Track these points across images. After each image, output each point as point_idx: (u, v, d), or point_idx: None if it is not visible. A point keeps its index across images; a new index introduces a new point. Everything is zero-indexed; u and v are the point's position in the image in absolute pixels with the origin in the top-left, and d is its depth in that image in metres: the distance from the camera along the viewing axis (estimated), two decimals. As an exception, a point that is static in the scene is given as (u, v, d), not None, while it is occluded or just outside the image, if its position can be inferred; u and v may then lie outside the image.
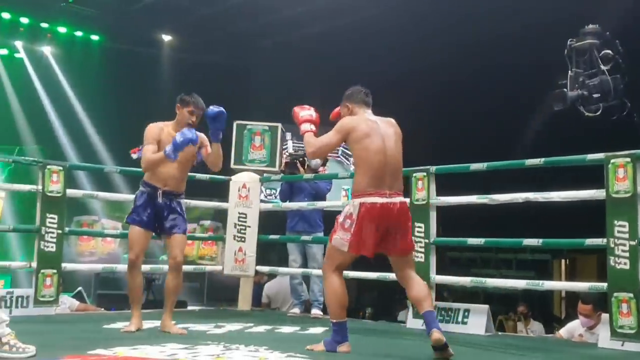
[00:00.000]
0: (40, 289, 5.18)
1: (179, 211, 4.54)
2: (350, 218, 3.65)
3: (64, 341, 3.88)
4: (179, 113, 4.57)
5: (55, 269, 5.23)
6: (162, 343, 3.70)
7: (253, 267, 6.24)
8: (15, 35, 12.57)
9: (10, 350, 3.00)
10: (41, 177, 5.32)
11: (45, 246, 5.23)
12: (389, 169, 3.69)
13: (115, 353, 3.32)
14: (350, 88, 4.00)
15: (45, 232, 5.25)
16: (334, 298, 3.76)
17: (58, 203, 5.36)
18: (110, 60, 12.50)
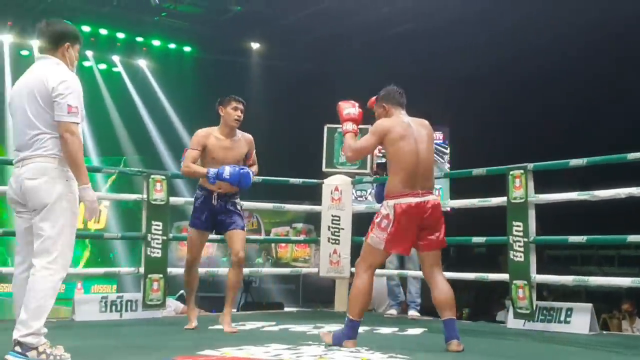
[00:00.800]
0: (148, 294, 5.40)
1: (234, 210, 4.69)
2: (387, 218, 3.77)
3: (173, 342, 4.05)
4: (224, 114, 4.72)
5: (161, 273, 5.45)
6: (265, 344, 3.80)
7: (348, 268, 6.28)
8: (112, 50, 13.18)
9: (47, 358, 3.03)
10: (146, 186, 5.55)
11: (151, 252, 5.45)
12: (421, 170, 3.79)
13: (222, 353, 3.45)
14: (385, 88, 4.06)
15: (151, 239, 5.47)
16: (359, 296, 3.80)
17: (162, 210, 5.58)
18: (203, 71, 12.91)
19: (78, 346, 3.93)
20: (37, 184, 3.08)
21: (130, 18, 12.05)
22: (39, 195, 3.07)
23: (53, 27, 3.32)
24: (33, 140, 3.12)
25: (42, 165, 3.09)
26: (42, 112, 3.12)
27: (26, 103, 3.15)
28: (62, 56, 3.29)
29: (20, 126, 3.18)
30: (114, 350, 3.72)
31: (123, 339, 4.21)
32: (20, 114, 3.18)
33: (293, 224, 12.24)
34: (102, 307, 5.30)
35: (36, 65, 3.30)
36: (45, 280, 3.02)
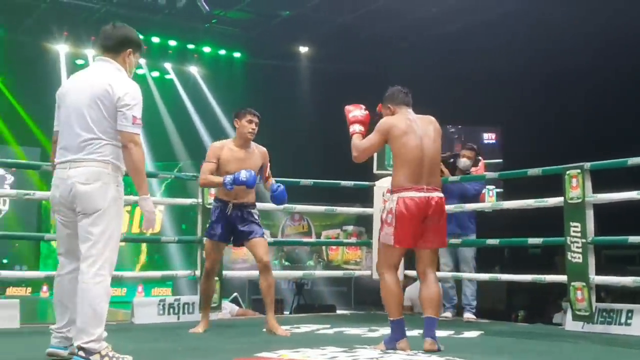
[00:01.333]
0: (204, 296, 5.46)
1: (252, 219, 4.75)
2: (391, 213, 3.78)
3: (230, 345, 4.10)
4: (239, 126, 4.79)
5: (217, 276, 5.49)
6: (321, 346, 3.82)
7: (401, 271, 6.25)
8: (165, 57, 13.45)
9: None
10: (200, 190, 5.63)
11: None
12: (426, 166, 3.80)
13: (279, 356, 3.48)
14: (390, 89, 4.11)
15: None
16: (390, 297, 3.83)
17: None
18: (252, 75, 13.05)
19: (138, 348, 4.01)
20: (90, 189, 3.08)
21: (182, 26, 12.27)
22: (92, 200, 3.08)
23: (119, 31, 3.33)
24: (86, 144, 3.12)
25: (97, 170, 3.10)
26: (102, 119, 3.13)
27: (86, 106, 3.14)
28: (122, 62, 3.30)
29: (73, 127, 3.16)
30: (172, 353, 3.78)
31: (181, 342, 4.28)
32: (77, 115, 3.16)
33: (344, 226, 12.25)
34: (160, 310, 5.40)
35: (97, 67, 3.30)
36: (98, 286, 3.05)
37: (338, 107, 12.56)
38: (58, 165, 3.20)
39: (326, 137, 12.21)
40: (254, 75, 12.97)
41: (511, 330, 5.44)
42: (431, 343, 3.72)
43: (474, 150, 6.37)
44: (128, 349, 3.91)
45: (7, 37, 12.15)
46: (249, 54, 13.40)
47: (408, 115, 3.96)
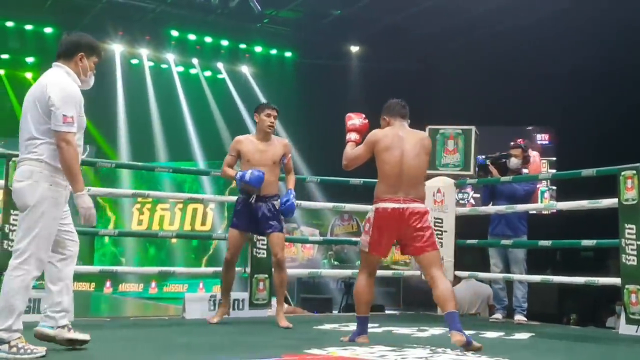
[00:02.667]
0: (254, 293, 5.54)
1: (273, 213, 4.92)
2: (369, 222, 4.02)
3: (281, 341, 4.14)
4: (258, 120, 5.05)
5: (266, 273, 5.57)
6: (370, 345, 3.83)
7: (451, 272, 6.21)
8: (217, 57, 13.62)
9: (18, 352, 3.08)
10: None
11: (257, 253, 5.57)
12: (405, 179, 3.97)
13: (328, 353, 3.50)
14: (389, 101, 4.33)
15: (257, 240, 5.58)
16: (357, 296, 4.12)
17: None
18: (303, 75, 13.11)
19: (189, 342, 4.10)
20: (21, 186, 3.21)
21: (234, 25, 12.41)
22: (22, 196, 3.20)
23: (72, 37, 3.47)
24: (27, 144, 3.26)
25: (29, 169, 3.21)
26: (39, 119, 3.24)
27: (29, 109, 3.29)
28: (75, 66, 3.41)
29: (21, 130, 3.31)
30: (222, 348, 3.85)
31: (231, 337, 4.35)
32: (23, 118, 3.31)
33: (393, 225, 12.20)
34: (210, 306, 5.48)
35: (47, 72, 3.41)
36: (17, 280, 3.11)
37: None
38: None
39: (376, 136, 12.20)
40: (305, 75, 13.03)
41: (563, 333, 5.35)
42: (458, 335, 3.69)
43: (520, 147, 6.26)
44: (179, 343, 4.01)
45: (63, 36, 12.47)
46: (299, 54, 13.47)
47: (400, 129, 4.14)
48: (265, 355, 3.26)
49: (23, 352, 3.08)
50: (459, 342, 3.66)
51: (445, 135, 6.54)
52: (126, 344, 3.93)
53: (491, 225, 6.15)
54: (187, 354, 3.47)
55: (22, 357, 3.07)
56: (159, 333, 4.50)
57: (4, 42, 12.45)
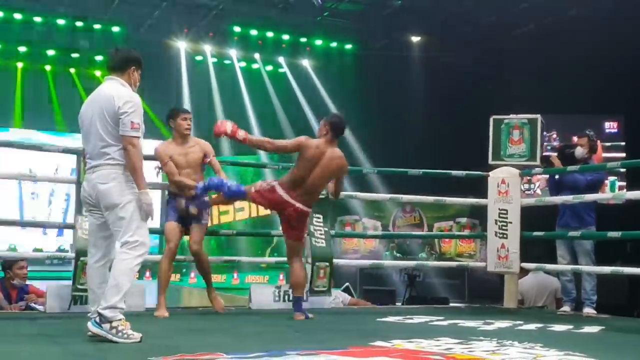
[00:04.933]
0: (315, 280, 5.58)
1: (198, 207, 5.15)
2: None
3: (346, 332, 4.18)
4: (175, 125, 5.22)
5: (327, 262, 5.61)
6: (435, 337, 3.82)
7: (517, 263, 6.12)
8: (278, 51, 13.74)
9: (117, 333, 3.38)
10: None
11: (316, 242, 5.64)
12: (306, 186, 4.79)
13: (393, 345, 3.51)
14: (334, 114, 5.19)
15: (314, 230, 5.65)
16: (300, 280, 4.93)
17: (322, 204, 5.73)
18: (363, 67, 13.09)
19: (256, 332, 4.19)
20: (107, 187, 3.59)
21: (295, 20, 12.48)
22: (111, 196, 3.58)
23: (122, 53, 3.84)
24: (102, 152, 3.62)
25: (109, 172, 3.61)
26: (108, 128, 3.61)
27: (97, 120, 3.63)
28: (127, 78, 3.75)
29: (91, 139, 3.67)
30: (289, 338, 3.90)
31: (296, 327, 4.41)
32: (93, 129, 3.65)
33: (457, 218, 12.08)
34: (275, 296, 5.57)
35: (104, 85, 3.76)
36: (123, 263, 3.51)
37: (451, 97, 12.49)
38: (86, 172, 3.77)
39: (439, 126, 12.09)
40: (365, 67, 13.00)
41: (635, 327, 5.22)
42: (300, 315, 4.74)
43: (587, 136, 6.09)
44: (246, 332, 4.10)
45: (130, 35, 12.79)
46: (360, 46, 13.45)
47: (328, 147, 4.85)
48: (331, 347, 3.29)
49: (120, 335, 3.38)
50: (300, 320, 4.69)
51: (510, 125, 6.44)
52: (196, 334, 4.04)
53: (558, 216, 6.03)
54: (256, 344, 3.53)
55: (119, 340, 3.37)
56: (226, 323, 4.60)
57: (75, 42, 12.86)
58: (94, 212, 3.72)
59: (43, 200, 14.95)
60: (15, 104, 13.81)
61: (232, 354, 3.04)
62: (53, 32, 12.64)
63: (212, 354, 3.03)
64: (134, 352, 3.20)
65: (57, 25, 12.54)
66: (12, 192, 14.74)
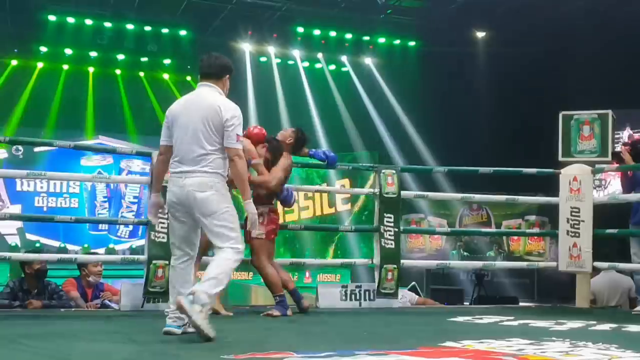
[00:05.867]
0: (382, 282, 5.58)
1: None
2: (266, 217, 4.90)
3: (415, 332, 4.16)
4: None
5: (395, 264, 5.59)
6: (506, 338, 3.76)
7: (590, 262, 5.97)
8: (341, 50, 13.78)
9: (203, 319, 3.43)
10: (377, 180, 5.74)
11: (385, 243, 5.62)
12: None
13: (464, 346, 3.47)
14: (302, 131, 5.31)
15: (384, 231, 5.64)
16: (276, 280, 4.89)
17: (394, 204, 5.73)
18: (427, 64, 12.97)
19: (325, 331, 4.21)
20: (205, 196, 3.64)
21: (357, 18, 12.48)
22: (209, 204, 3.65)
23: (220, 60, 3.90)
24: (200, 158, 3.68)
25: (208, 180, 3.67)
26: (210, 136, 3.68)
27: (199, 126, 3.68)
28: (222, 86, 3.85)
29: (188, 143, 3.70)
30: (358, 338, 3.91)
31: (364, 327, 4.41)
32: (191, 133, 3.70)
33: (526, 216, 11.84)
34: (342, 296, 5.59)
35: (203, 92, 3.82)
36: (228, 262, 3.62)
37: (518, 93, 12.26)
38: (173, 175, 3.75)
39: (505, 123, 11.88)
40: (429, 64, 12.89)
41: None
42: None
43: None
44: (316, 332, 4.13)
45: (197, 38, 13.05)
46: (423, 42, 13.34)
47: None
48: (401, 347, 3.28)
49: (205, 322, 3.43)
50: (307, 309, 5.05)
51: (579, 121, 6.29)
52: (265, 332, 4.09)
53: (632, 213, 5.85)
54: (324, 343, 3.56)
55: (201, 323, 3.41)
56: (294, 322, 4.64)
57: (143, 46, 13.21)
58: (179, 217, 3.75)
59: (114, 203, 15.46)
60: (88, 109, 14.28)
61: (301, 353, 3.07)
62: (122, 36, 13.02)
63: (282, 352, 3.06)
64: (207, 350, 3.27)
65: (127, 30, 12.90)
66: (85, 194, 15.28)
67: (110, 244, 14.80)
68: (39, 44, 13.31)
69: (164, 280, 4.70)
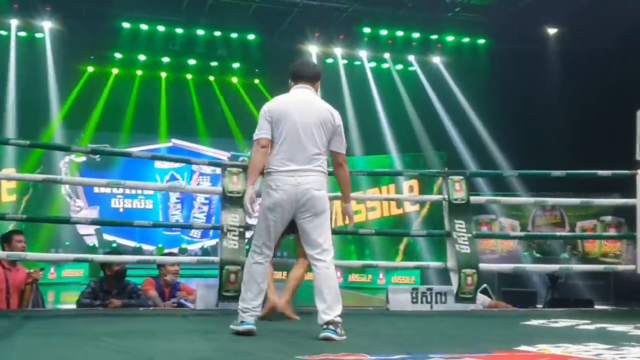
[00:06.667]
0: (462, 287, 5.45)
1: None
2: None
3: (488, 336, 4.11)
4: None
5: (474, 268, 5.51)
6: (583, 342, 3.68)
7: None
8: (408, 50, 13.72)
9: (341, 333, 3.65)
10: (445, 186, 5.70)
11: (460, 248, 5.54)
12: None
13: (539, 350, 3.42)
14: None
15: (457, 237, 5.56)
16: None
17: (463, 209, 5.67)
18: (497, 61, 12.78)
19: (396, 333, 4.21)
20: (322, 194, 3.83)
21: (425, 17, 12.41)
22: (322, 203, 3.83)
23: (317, 67, 4.17)
24: (314, 158, 3.82)
25: (321, 179, 3.85)
26: (324, 139, 3.88)
27: (314, 127, 3.85)
28: (315, 90, 4.06)
29: (301, 142, 3.81)
30: (430, 340, 3.90)
31: (437, 330, 4.39)
32: (305, 133, 3.83)
33: (601, 216, 11.51)
34: (413, 298, 5.55)
35: (310, 94, 3.99)
36: (334, 270, 3.84)
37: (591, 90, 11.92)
38: (281, 173, 3.81)
39: (578, 122, 11.57)
40: (499, 61, 12.69)
41: None
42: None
43: None
44: (386, 333, 4.14)
45: (264, 42, 13.23)
46: (493, 40, 13.15)
47: None
48: (474, 351, 3.26)
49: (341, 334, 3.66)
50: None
51: None
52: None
53: None
54: (396, 346, 3.57)
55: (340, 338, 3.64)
56: (365, 324, 4.66)
57: (213, 51, 13.49)
58: (283, 216, 3.82)
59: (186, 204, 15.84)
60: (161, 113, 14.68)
61: (374, 355, 3.09)
62: (193, 42, 13.33)
63: (355, 354, 3.09)
64: (281, 350, 3.33)
65: (197, 35, 13.20)
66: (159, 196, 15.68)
67: (182, 244, 15.18)
68: (114, 51, 13.77)
69: (237, 284, 4.79)
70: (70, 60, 13.67)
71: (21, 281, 5.36)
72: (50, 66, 13.43)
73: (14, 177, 11.75)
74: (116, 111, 14.45)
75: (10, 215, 6.20)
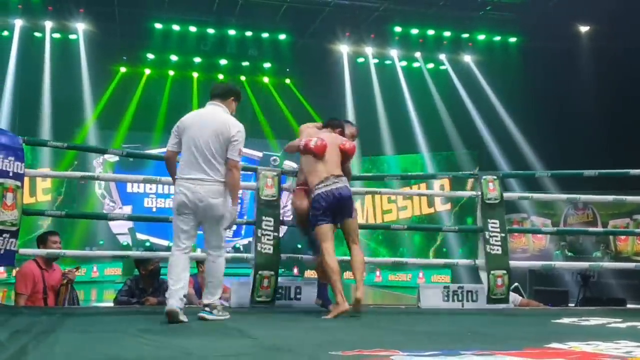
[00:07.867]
0: (493, 289, 5.52)
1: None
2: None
3: (519, 333, 4.14)
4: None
5: (504, 269, 5.52)
6: (614, 340, 3.69)
7: None
8: (439, 49, 13.71)
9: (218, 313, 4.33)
10: (479, 186, 5.72)
11: (491, 249, 5.56)
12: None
13: (570, 347, 3.44)
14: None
15: (490, 236, 5.59)
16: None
17: (497, 209, 5.69)
18: (529, 60, 12.71)
19: (428, 331, 4.26)
20: (218, 202, 4.29)
21: (456, 16, 12.38)
22: (218, 210, 4.31)
23: (227, 85, 4.74)
24: (210, 167, 4.29)
25: (219, 189, 4.31)
26: (220, 148, 4.31)
27: (211, 138, 4.30)
28: (227, 105, 4.49)
29: (199, 152, 4.28)
30: (462, 338, 3.94)
31: (469, 328, 4.42)
32: (203, 144, 4.29)
33: (634, 215, 11.40)
34: (444, 296, 5.59)
35: (212, 109, 4.46)
36: (222, 264, 4.40)
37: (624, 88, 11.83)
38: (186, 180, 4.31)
39: (612, 120, 11.46)
40: (530, 59, 12.62)
41: None
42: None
43: None
44: (419, 331, 4.19)
45: (295, 41, 13.31)
46: (525, 38, 13.07)
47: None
48: (506, 348, 3.30)
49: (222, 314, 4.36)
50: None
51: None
52: (369, 330, 4.19)
53: None
54: (429, 343, 3.62)
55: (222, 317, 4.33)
56: (397, 321, 4.71)
57: (244, 51, 13.61)
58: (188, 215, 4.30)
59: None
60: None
61: (407, 352, 3.14)
62: (225, 42, 13.46)
63: (388, 350, 3.15)
64: (316, 345, 3.40)
65: (229, 35, 13.33)
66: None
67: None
68: (146, 52, 13.97)
69: (270, 290, 4.98)
70: (104, 61, 13.90)
71: (57, 281, 5.52)
72: (84, 67, 13.68)
73: (53, 174, 11.98)
74: (149, 111, 14.64)
75: (50, 212, 6.37)
